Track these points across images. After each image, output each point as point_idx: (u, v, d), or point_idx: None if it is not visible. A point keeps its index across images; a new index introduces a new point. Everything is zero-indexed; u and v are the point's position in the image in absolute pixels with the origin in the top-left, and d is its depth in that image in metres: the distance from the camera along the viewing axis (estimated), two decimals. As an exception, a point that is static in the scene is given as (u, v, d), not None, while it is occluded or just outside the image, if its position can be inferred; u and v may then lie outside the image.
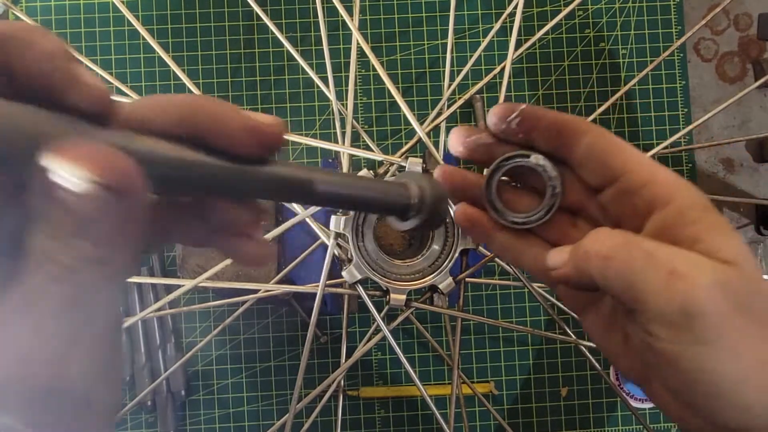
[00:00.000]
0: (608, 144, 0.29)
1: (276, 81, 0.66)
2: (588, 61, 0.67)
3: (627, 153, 0.28)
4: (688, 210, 0.26)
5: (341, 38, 0.66)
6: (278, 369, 0.64)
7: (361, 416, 0.64)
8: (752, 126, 0.68)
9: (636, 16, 0.67)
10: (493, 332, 0.65)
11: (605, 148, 0.29)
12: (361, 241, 0.44)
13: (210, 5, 0.66)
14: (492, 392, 0.65)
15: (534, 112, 0.30)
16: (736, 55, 0.68)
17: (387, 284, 0.44)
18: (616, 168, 0.28)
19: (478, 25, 0.67)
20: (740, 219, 0.67)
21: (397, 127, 0.66)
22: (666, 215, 0.27)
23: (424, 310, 0.47)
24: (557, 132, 0.29)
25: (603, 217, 0.30)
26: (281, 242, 0.57)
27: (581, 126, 0.29)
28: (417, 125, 0.46)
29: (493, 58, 0.67)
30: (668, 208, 0.27)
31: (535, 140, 0.30)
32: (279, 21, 0.66)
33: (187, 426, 0.63)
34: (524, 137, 0.30)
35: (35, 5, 0.65)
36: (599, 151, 0.29)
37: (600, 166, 0.29)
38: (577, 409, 0.65)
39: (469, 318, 0.54)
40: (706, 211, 0.27)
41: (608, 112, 0.67)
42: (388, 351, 0.65)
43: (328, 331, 0.64)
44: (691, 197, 0.27)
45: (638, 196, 0.27)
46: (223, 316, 0.61)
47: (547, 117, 0.29)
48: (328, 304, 0.59)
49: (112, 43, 0.65)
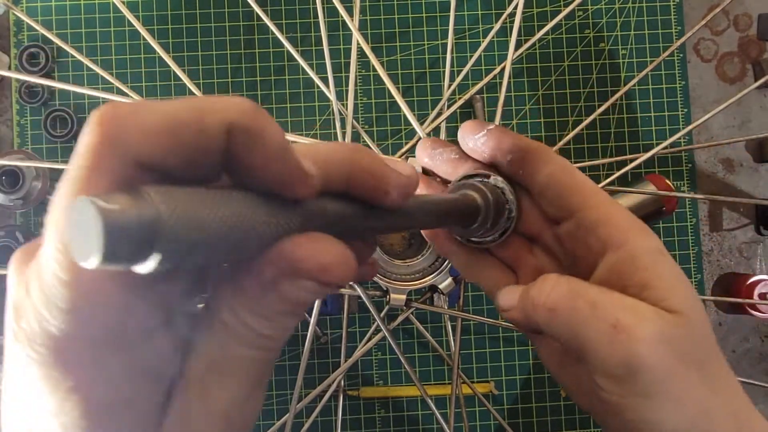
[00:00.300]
0: (569, 178, 0.29)
1: (276, 81, 0.66)
2: (588, 61, 0.67)
3: (586, 190, 0.28)
4: (640, 255, 0.26)
5: (341, 38, 0.66)
6: (278, 369, 0.64)
7: (361, 416, 0.64)
8: (752, 126, 0.68)
9: (636, 17, 0.67)
10: (493, 332, 0.65)
11: (565, 181, 0.29)
12: (361, 241, 0.44)
13: (210, 5, 0.66)
14: (492, 392, 0.65)
15: (501, 133, 0.30)
16: (736, 56, 0.68)
17: (387, 284, 0.44)
18: (573, 203, 0.28)
19: (478, 25, 0.67)
20: (740, 219, 0.67)
21: (397, 127, 0.66)
22: (618, 258, 0.27)
23: (424, 310, 0.47)
24: (521, 157, 0.30)
25: (558, 249, 0.30)
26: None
27: (544, 155, 0.29)
28: (417, 125, 0.46)
29: (493, 58, 0.67)
30: (620, 251, 0.27)
31: (498, 162, 0.30)
32: (279, 21, 0.66)
33: (187, 426, 0.63)
34: (489, 157, 0.31)
35: (35, 5, 0.65)
36: (559, 184, 0.29)
37: (558, 198, 0.29)
38: (577, 409, 0.65)
39: (469, 318, 0.54)
40: (658, 256, 0.26)
41: (608, 112, 0.67)
42: (388, 351, 0.65)
43: (328, 331, 0.64)
44: (644, 242, 0.27)
45: (593, 235, 0.27)
46: (223, 316, 0.61)
47: (512, 140, 0.30)
48: (328, 304, 0.59)
49: (113, 43, 0.65)
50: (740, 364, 0.66)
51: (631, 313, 0.25)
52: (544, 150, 0.29)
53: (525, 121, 0.66)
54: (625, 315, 0.25)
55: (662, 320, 0.25)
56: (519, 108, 0.66)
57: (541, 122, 0.67)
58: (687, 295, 0.26)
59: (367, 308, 0.46)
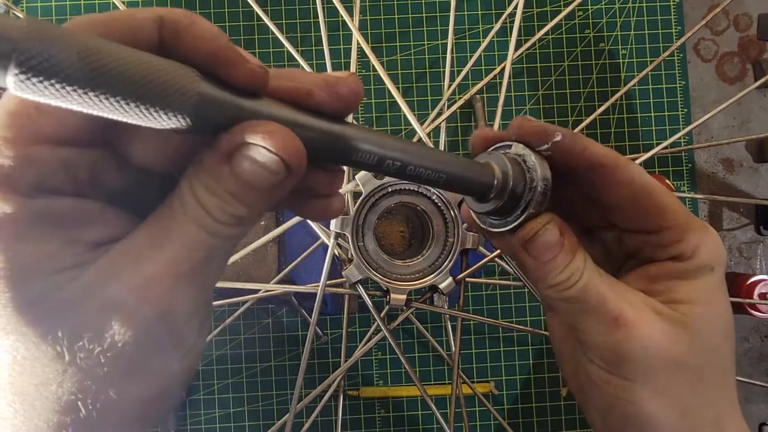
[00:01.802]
0: (649, 199, 0.26)
1: (276, 81, 0.66)
2: (588, 61, 0.67)
3: (668, 212, 0.27)
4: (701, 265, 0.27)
5: (341, 38, 0.66)
6: (278, 369, 0.64)
7: (361, 416, 0.64)
8: (752, 126, 0.68)
9: (636, 17, 0.67)
10: (493, 332, 0.65)
11: (645, 203, 0.27)
12: (362, 241, 0.44)
13: (210, 5, 0.66)
14: (492, 392, 0.65)
15: (569, 147, 0.26)
16: (736, 56, 0.68)
17: (387, 284, 0.44)
18: (651, 224, 0.27)
19: (478, 25, 0.67)
20: (740, 219, 0.67)
21: (398, 127, 0.66)
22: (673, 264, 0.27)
23: (425, 310, 0.47)
24: (592, 173, 0.27)
25: (613, 242, 0.30)
26: (281, 242, 0.57)
27: (620, 173, 0.26)
28: (417, 125, 0.46)
29: (493, 58, 0.67)
30: (686, 261, 0.27)
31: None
32: (279, 21, 0.66)
33: (188, 426, 0.64)
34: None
35: (35, 5, 0.65)
36: (638, 205, 0.27)
37: (635, 219, 0.27)
38: (577, 409, 0.65)
39: (469, 318, 0.54)
40: (717, 262, 0.27)
41: (608, 112, 0.67)
42: (388, 351, 0.65)
43: (328, 331, 0.64)
44: (708, 256, 0.27)
45: (665, 253, 0.27)
46: (223, 316, 0.61)
47: (582, 156, 0.26)
48: (329, 304, 0.59)
49: (113, 43, 0.65)
50: (740, 364, 0.66)
51: (634, 309, 0.26)
52: (621, 167, 0.26)
53: (525, 121, 0.66)
54: (628, 310, 0.26)
55: (664, 322, 0.26)
56: (519, 108, 0.66)
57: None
58: (709, 316, 0.27)
59: (367, 308, 0.46)
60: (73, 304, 0.19)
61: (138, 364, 0.20)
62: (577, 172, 0.27)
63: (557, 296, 0.27)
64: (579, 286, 0.26)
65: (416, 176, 0.24)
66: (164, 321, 0.20)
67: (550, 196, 0.26)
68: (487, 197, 0.26)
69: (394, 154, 0.23)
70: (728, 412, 0.27)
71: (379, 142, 0.23)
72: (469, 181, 0.26)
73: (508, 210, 0.27)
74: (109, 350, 0.19)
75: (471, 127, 0.66)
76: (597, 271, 0.27)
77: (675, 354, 0.26)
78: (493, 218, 0.28)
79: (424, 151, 0.24)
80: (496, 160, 0.26)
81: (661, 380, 0.26)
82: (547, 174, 0.26)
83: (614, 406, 0.27)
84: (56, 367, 0.18)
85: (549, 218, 0.26)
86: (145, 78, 0.17)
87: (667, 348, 0.26)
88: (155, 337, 0.20)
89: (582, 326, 0.27)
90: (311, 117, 0.21)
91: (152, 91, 0.18)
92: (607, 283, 0.26)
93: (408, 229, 0.49)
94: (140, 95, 0.17)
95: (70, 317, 0.19)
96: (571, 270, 0.26)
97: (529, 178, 0.26)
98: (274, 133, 0.19)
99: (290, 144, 0.20)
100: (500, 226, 0.27)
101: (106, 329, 0.19)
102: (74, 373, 0.19)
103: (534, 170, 0.26)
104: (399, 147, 0.23)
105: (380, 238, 0.47)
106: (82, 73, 0.16)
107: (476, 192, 0.26)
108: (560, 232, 0.26)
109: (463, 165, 0.26)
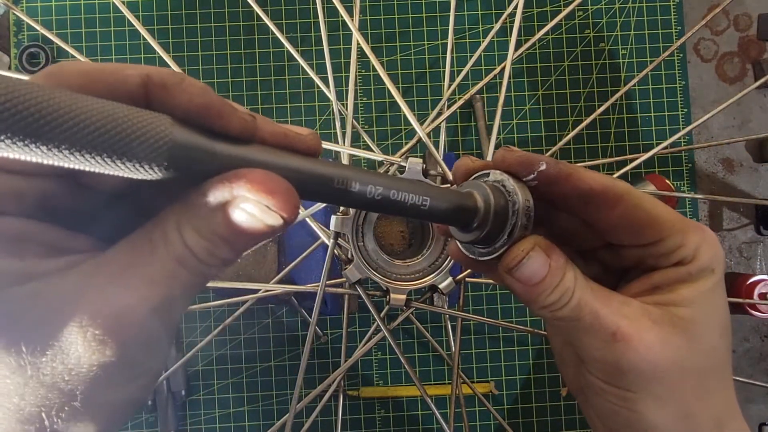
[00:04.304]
0: (641, 213, 0.26)
1: (276, 81, 0.66)
2: (588, 61, 0.67)
3: (661, 222, 0.26)
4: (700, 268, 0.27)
5: (341, 38, 0.66)
6: (278, 369, 0.64)
7: (361, 416, 0.64)
8: (752, 126, 0.68)
9: (636, 16, 0.67)
10: (493, 332, 0.65)
11: (637, 218, 0.26)
12: (361, 241, 0.44)
13: (210, 5, 0.66)
14: (492, 392, 0.65)
15: (553, 179, 0.26)
16: (735, 56, 0.68)
17: (387, 284, 0.44)
18: (647, 237, 0.27)
19: (478, 25, 0.67)
20: (740, 219, 0.67)
21: (397, 127, 0.66)
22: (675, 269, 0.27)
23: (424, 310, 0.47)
24: (584, 203, 0.27)
25: (609, 259, 0.29)
26: (281, 242, 0.57)
27: (611, 199, 0.26)
28: (417, 125, 0.46)
29: (493, 58, 0.67)
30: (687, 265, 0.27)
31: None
32: (279, 21, 0.66)
33: (188, 426, 0.64)
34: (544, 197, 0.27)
35: (35, 5, 0.65)
36: (630, 223, 0.27)
37: (629, 235, 0.27)
38: (577, 409, 0.65)
39: (469, 318, 0.54)
40: (717, 263, 0.27)
41: (608, 112, 0.67)
42: (388, 351, 0.65)
43: (328, 331, 0.64)
44: (708, 257, 0.27)
45: (668, 260, 0.27)
46: (223, 316, 0.61)
47: (572, 188, 0.26)
48: (329, 304, 0.59)
49: (113, 43, 0.65)
50: (740, 364, 0.66)
51: (631, 322, 0.26)
52: (610, 190, 0.26)
53: (525, 121, 0.66)
54: (625, 324, 0.26)
55: (663, 330, 0.26)
56: (519, 108, 0.66)
57: (541, 122, 0.67)
58: (709, 316, 0.27)
59: (367, 308, 0.46)
60: (41, 320, 0.19)
61: (103, 382, 0.20)
62: (568, 199, 0.27)
63: (551, 316, 0.26)
64: (572, 305, 0.26)
65: (399, 209, 0.24)
66: (134, 348, 0.20)
67: (534, 219, 0.26)
68: (470, 226, 0.26)
69: (378, 189, 0.23)
70: (728, 412, 0.27)
71: (364, 178, 0.23)
72: (452, 210, 0.26)
73: (493, 237, 0.26)
74: (73, 369, 0.19)
75: (471, 127, 0.66)
76: (589, 288, 0.26)
77: (676, 361, 0.26)
78: (479, 247, 0.28)
79: (406, 183, 0.24)
80: (476, 188, 0.27)
81: (663, 388, 0.26)
82: (529, 197, 0.26)
83: (616, 414, 0.27)
84: (17, 380, 0.19)
85: (533, 242, 0.26)
86: (104, 127, 0.17)
87: (668, 356, 0.26)
88: (123, 360, 0.20)
89: (579, 342, 0.27)
90: (302, 160, 0.22)
91: (115, 141, 0.17)
92: (600, 299, 0.26)
93: (408, 229, 0.49)
94: (99, 146, 0.17)
95: (36, 331, 0.19)
96: (561, 290, 0.26)
97: (510, 202, 0.26)
98: (276, 193, 0.19)
99: (291, 202, 0.20)
100: (488, 254, 0.27)
101: (73, 348, 0.19)
102: (36, 388, 0.19)
103: (515, 194, 0.26)
104: (382, 182, 0.24)
105: (380, 238, 0.47)
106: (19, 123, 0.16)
107: (460, 220, 0.26)
108: (546, 253, 0.26)
109: (444, 195, 0.26)
